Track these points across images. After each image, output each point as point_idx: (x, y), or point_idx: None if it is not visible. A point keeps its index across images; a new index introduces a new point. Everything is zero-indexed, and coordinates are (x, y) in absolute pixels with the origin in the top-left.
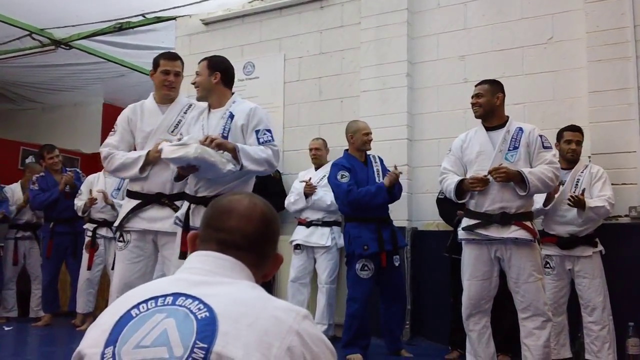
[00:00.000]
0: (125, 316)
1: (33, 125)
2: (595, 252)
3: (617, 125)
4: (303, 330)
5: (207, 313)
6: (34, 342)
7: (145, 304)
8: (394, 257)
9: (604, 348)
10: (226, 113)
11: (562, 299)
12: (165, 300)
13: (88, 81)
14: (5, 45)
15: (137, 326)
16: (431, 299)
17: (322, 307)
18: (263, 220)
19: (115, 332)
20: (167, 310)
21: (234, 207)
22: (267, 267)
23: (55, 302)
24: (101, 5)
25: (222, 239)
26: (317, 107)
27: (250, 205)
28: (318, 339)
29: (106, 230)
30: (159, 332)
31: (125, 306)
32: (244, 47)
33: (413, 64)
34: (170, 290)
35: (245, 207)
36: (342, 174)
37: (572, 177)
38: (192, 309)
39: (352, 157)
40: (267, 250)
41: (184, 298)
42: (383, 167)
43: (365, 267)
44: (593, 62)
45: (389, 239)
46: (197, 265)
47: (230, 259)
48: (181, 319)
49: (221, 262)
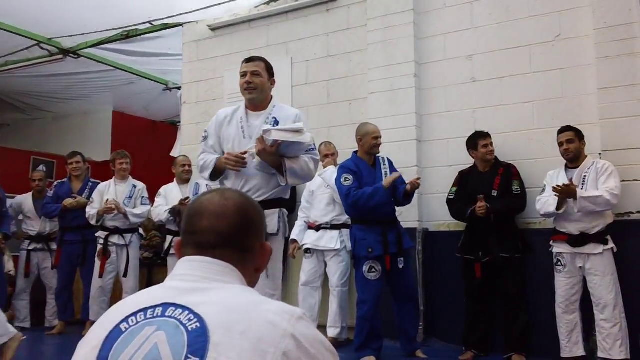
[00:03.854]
0: (115, 331)
1: (43, 134)
2: (606, 250)
3: (627, 122)
4: (299, 332)
5: (198, 324)
6: (47, 350)
7: (135, 317)
8: (398, 260)
9: (615, 345)
10: (269, 118)
11: (574, 296)
12: (155, 311)
13: (97, 89)
14: (14, 56)
15: (127, 341)
16: (444, 300)
17: (334, 310)
18: (237, 214)
19: (105, 348)
20: (156, 323)
21: (205, 206)
22: (255, 260)
23: (68, 311)
24: (108, 14)
25: (197, 241)
26: (326, 110)
27: (222, 201)
28: (315, 339)
29: (118, 238)
30: (149, 348)
31: (114, 320)
32: (251, 51)
33: (420, 64)
34: (159, 301)
35: (216, 205)
36: (346, 177)
37: (580, 174)
38: (182, 320)
39: (359, 160)
40: (247, 243)
41: (174, 308)
42: (392, 169)
43: (372, 269)
44: (601, 59)
45: (394, 241)
46: (185, 271)
47: (219, 262)
48: (172, 332)
49: (210, 266)
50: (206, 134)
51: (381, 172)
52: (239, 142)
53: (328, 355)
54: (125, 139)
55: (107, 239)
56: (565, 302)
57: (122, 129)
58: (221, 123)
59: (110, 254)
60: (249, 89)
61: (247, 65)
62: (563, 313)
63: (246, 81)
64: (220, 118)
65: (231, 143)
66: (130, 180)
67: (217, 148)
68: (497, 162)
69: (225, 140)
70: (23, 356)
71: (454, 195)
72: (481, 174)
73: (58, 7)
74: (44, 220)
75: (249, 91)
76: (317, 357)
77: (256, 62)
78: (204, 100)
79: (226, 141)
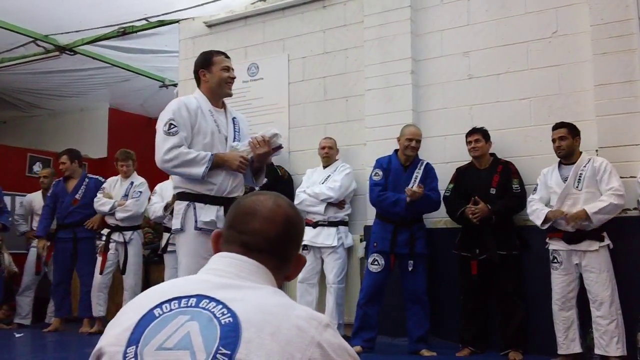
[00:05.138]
0: (148, 315)
1: (40, 131)
2: (602, 247)
3: (623, 118)
4: (325, 340)
5: (231, 319)
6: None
7: (168, 304)
8: (408, 262)
9: (612, 342)
10: (229, 116)
11: (570, 293)
12: (189, 301)
13: (93, 86)
14: (10, 53)
15: (160, 327)
16: (441, 297)
17: (330, 307)
18: (286, 223)
19: (137, 331)
20: (190, 313)
21: (258, 208)
22: (289, 269)
23: (64, 308)
24: (104, 11)
25: (245, 241)
26: (322, 106)
27: (274, 207)
28: (340, 347)
29: (118, 235)
30: (182, 335)
31: (147, 305)
32: (248, 48)
33: (417, 61)
34: (193, 292)
35: (269, 209)
36: (376, 172)
37: (575, 173)
38: (216, 313)
39: (395, 158)
40: (289, 253)
41: (208, 301)
42: (425, 174)
43: (375, 261)
44: (598, 55)
45: (404, 242)
46: (221, 267)
47: (254, 263)
48: (205, 323)
49: (245, 265)
50: (175, 125)
51: (412, 175)
52: (217, 137)
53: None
54: (121, 136)
55: (109, 236)
56: (561, 299)
57: (119, 126)
58: (195, 114)
59: (109, 250)
60: (230, 83)
61: (229, 60)
62: (560, 310)
63: (231, 76)
64: (192, 107)
65: (209, 137)
66: (132, 177)
67: (189, 140)
68: (495, 159)
69: (202, 133)
70: (18, 353)
71: (450, 192)
72: (479, 171)
73: (54, 4)
74: None
75: (229, 86)
76: None
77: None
78: None
79: (202, 135)
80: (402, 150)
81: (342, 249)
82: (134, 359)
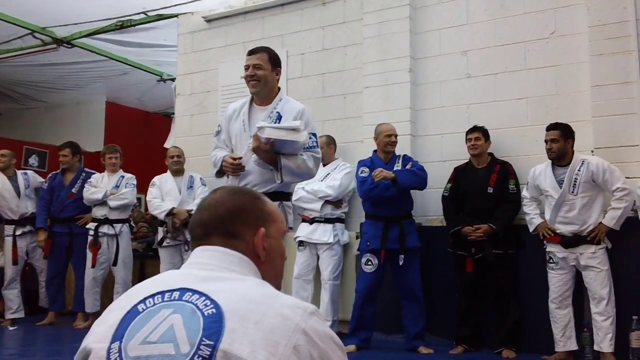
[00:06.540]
0: (132, 311)
1: (36, 124)
2: (599, 249)
3: (619, 119)
4: (310, 327)
5: (214, 309)
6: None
7: (152, 299)
8: (399, 257)
9: (606, 339)
10: (273, 112)
11: (567, 292)
12: (172, 295)
13: (90, 79)
14: (7, 44)
15: (144, 321)
16: (437, 295)
17: (325, 303)
18: (217, 205)
19: (121, 327)
20: (173, 306)
21: (198, 207)
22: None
23: (58, 301)
24: (103, 4)
25: (192, 236)
26: (321, 103)
27: (209, 198)
28: (325, 335)
29: (108, 228)
30: (165, 328)
31: (131, 301)
32: (246, 44)
33: (416, 59)
34: (176, 285)
35: (206, 203)
36: (362, 169)
37: (570, 177)
38: (198, 305)
39: (376, 157)
40: (232, 229)
41: (191, 293)
42: (405, 163)
43: (369, 261)
44: (595, 56)
45: (395, 237)
46: (203, 260)
47: (237, 254)
48: (188, 315)
49: (227, 257)
50: (219, 128)
51: (392, 169)
52: (240, 136)
53: (337, 350)
54: (118, 130)
55: (97, 230)
56: (558, 297)
57: (116, 120)
58: (230, 117)
59: (100, 244)
60: (252, 82)
61: (249, 57)
62: (556, 308)
63: (248, 74)
64: (229, 112)
65: (234, 138)
66: (120, 172)
67: (228, 143)
68: (493, 158)
69: (233, 135)
70: (12, 347)
71: (449, 192)
72: (476, 170)
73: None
74: (24, 199)
75: (252, 84)
76: (326, 352)
77: (258, 54)
78: (198, 92)
79: (233, 136)
80: (382, 148)
81: (338, 245)
82: (117, 354)
